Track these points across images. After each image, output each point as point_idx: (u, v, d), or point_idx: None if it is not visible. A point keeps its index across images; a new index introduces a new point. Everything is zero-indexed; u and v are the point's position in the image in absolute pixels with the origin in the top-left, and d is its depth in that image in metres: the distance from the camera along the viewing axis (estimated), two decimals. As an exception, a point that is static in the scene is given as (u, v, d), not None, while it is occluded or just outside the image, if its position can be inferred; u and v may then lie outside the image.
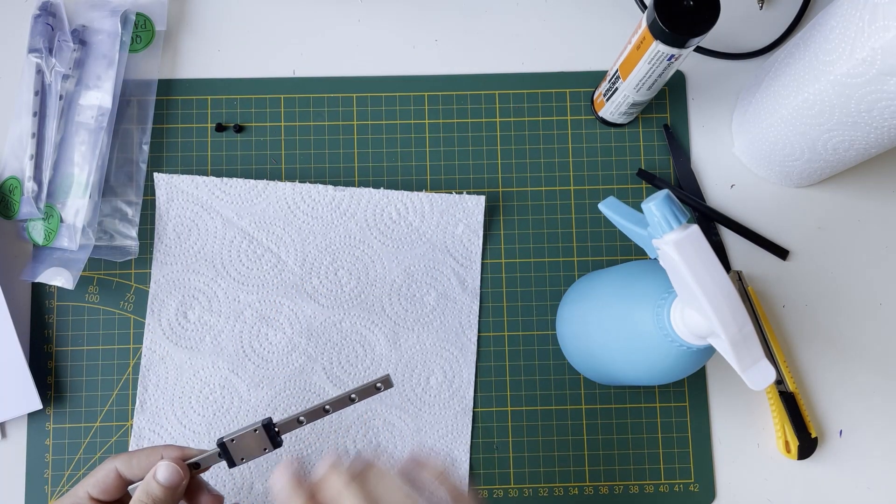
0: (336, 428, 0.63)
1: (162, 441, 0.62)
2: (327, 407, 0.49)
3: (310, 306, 0.64)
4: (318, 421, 0.62)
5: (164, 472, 0.48)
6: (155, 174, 0.64)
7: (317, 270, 0.64)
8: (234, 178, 0.65)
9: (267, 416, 0.60)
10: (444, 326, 0.64)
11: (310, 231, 0.64)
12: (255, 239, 0.64)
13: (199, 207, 0.64)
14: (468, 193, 0.65)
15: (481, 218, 0.65)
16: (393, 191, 0.65)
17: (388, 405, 0.63)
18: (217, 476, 0.62)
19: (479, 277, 0.65)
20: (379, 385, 0.49)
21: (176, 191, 0.64)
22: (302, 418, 0.48)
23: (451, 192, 0.65)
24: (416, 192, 0.65)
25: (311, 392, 0.63)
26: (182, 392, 0.63)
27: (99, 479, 0.49)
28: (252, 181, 0.65)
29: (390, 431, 0.63)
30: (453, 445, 0.63)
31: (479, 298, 0.65)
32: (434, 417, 0.63)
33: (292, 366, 0.63)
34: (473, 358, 0.64)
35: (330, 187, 0.65)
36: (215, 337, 0.63)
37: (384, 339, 0.64)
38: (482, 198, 0.65)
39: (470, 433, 0.64)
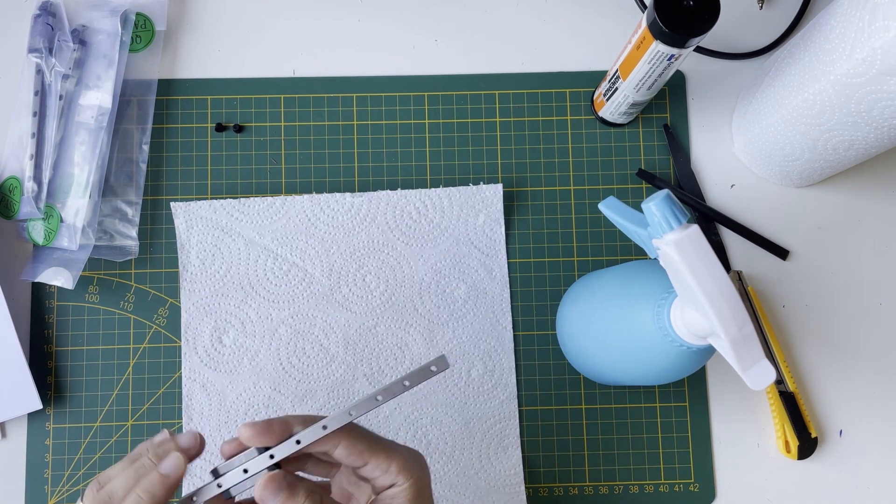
0: (385, 432, 0.62)
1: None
2: (379, 397, 0.43)
3: (342, 315, 0.64)
4: (369, 419, 0.62)
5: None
6: (172, 204, 0.64)
7: (345, 279, 0.64)
8: (251, 198, 0.64)
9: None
10: (478, 318, 0.64)
11: (332, 241, 0.64)
12: (280, 255, 0.64)
13: (219, 231, 0.64)
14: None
15: (500, 206, 0.65)
16: (409, 190, 0.65)
17: (433, 402, 0.63)
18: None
19: (506, 265, 0.65)
20: (433, 367, 0.44)
21: (195, 217, 0.64)
22: (352, 412, 0.43)
23: (468, 185, 0.65)
24: (432, 189, 0.65)
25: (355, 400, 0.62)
26: (227, 416, 0.62)
27: None
28: (269, 198, 0.64)
29: (439, 429, 0.63)
30: (503, 434, 0.63)
31: (508, 286, 0.65)
32: (480, 409, 0.63)
33: (333, 376, 0.63)
34: (511, 345, 0.64)
35: (347, 194, 0.65)
36: (253, 357, 0.63)
37: (420, 338, 0.64)
38: (499, 186, 0.65)
39: (517, 420, 0.64)
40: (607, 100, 0.64)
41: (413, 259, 0.64)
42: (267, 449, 0.43)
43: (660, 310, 0.48)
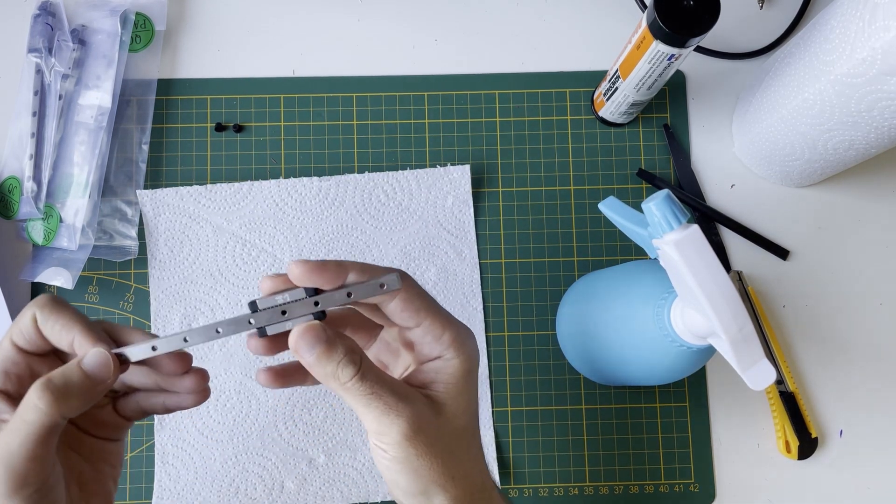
0: (344, 405, 0.62)
1: (189, 457, 0.62)
2: (318, 301, 0.38)
3: None
4: (328, 394, 0.61)
5: (92, 360, 0.39)
6: (137, 191, 0.64)
7: None
8: (218, 184, 0.64)
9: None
10: (449, 300, 0.64)
11: (301, 225, 0.64)
12: (248, 241, 0.64)
13: (187, 218, 0.64)
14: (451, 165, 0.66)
15: (469, 187, 0.65)
16: (378, 173, 0.65)
17: None
18: (248, 471, 0.62)
19: (476, 247, 0.65)
20: (383, 283, 0.38)
21: (161, 205, 0.64)
22: (284, 311, 0.38)
23: (434, 166, 0.66)
24: (400, 171, 0.65)
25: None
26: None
27: (22, 329, 0.40)
28: (236, 184, 0.64)
29: None
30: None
31: (479, 268, 0.65)
32: None
33: None
34: (482, 326, 0.64)
35: (315, 178, 0.65)
36: (223, 344, 0.63)
37: None
38: (467, 167, 0.65)
39: (490, 401, 0.64)
40: (607, 99, 0.64)
41: (382, 242, 0.64)
42: (318, 293, 0.38)
43: (660, 310, 0.48)
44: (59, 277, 0.60)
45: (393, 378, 0.39)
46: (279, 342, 0.41)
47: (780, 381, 0.64)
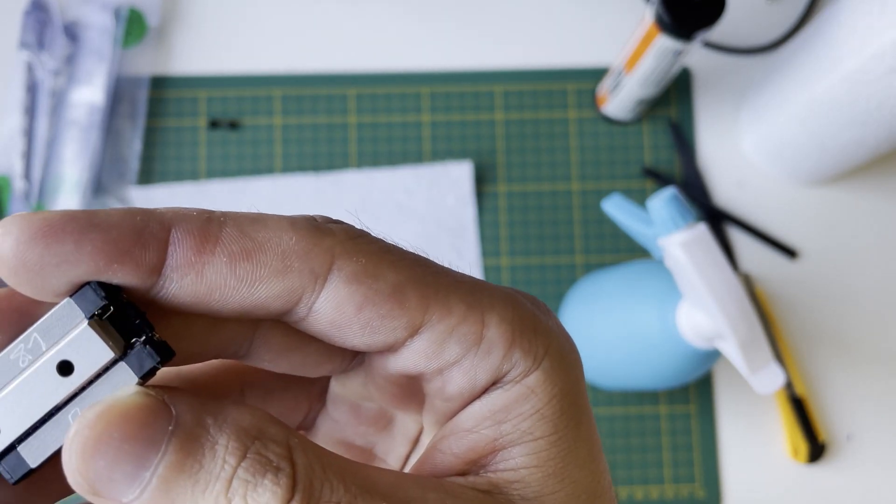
0: None
1: None
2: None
3: None
4: None
5: None
6: (130, 190, 0.63)
7: None
8: (213, 182, 0.63)
9: None
10: None
11: None
12: None
13: None
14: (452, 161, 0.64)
15: (469, 185, 0.64)
16: (376, 171, 0.64)
17: None
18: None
19: (477, 247, 0.64)
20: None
21: (154, 204, 0.63)
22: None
23: (433, 163, 0.64)
24: (399, 169, 0.64)
25: None
26: None
27: None
28: (231, 182, 0.63)
29: None
30: None
31: (479, 267, 0.64)
32: None
33: None
34: None
35: (311, 176, 0.64)
36: None
37: None
38: (467, 165, 0.64)
39: None
40: (612, 96, 0.63)
41: None
42: (111, 300, 0.16)
43: (665, 312, 0.47)
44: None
45: (389, 474, 0.17)
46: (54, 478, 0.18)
47: (788, 385, 0.63)
